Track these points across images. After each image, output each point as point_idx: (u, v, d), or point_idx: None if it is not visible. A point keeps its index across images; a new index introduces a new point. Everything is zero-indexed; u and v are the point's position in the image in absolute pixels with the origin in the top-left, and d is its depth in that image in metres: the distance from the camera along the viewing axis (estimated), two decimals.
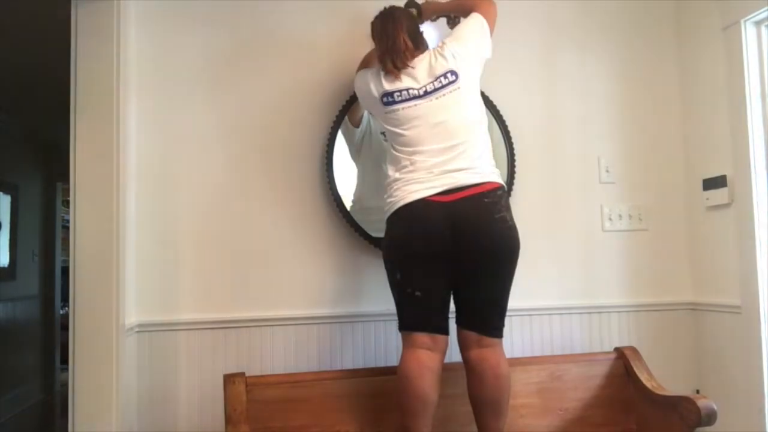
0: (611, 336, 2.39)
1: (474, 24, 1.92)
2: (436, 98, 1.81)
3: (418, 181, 1.75)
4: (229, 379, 1.87)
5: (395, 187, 1.79)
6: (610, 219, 2.44)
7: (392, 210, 1.79)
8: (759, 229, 2.19)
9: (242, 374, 1.90)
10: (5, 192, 4.63)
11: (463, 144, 1.78)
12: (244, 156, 2.16)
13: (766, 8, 2.15)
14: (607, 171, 2.45)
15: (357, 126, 2.23)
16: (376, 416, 1.97)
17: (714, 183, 2.36)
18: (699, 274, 2.47)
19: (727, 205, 2.32)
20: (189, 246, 2.10)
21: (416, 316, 1.78)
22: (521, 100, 2.38)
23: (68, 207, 1.94)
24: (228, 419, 1.79)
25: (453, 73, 1.82)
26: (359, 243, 2.20)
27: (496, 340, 1.79)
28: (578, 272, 2.40)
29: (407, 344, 1.78)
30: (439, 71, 1.82)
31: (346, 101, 2.20)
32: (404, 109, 1.82)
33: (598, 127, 2.47)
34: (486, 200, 1.75)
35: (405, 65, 1.83)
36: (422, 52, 1.89)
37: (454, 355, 2.23)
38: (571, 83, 2.45)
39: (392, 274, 1.81)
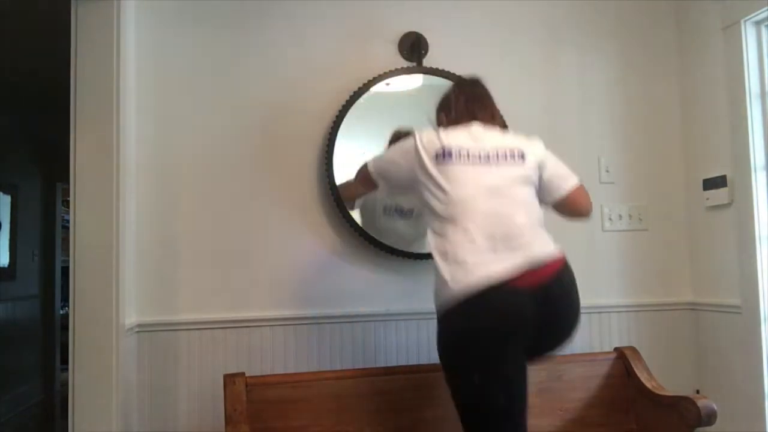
0: (611, 336, 2.39)
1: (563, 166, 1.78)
2: (497, 166, 1.62)
3: (480, 251, 1.49)
4: (229, 379, 1.87)
5: (456, 263, 1.49)
6: (610, 219, 2.44)
7: (460, 299, 1.46)
8: (759, 229, 2.19)
9: (242, 374, 1.90)
10: (5, 192, 4.63)
11: (524, 210, 1.60)
12: (244, 156, 2.16)
13: (766, 8, 2.15)
14: (607, 171, 2.45)
15: (352, 209, 2.15)
16: (376, 416, 1.97)
17: (714, 183, 2.36)
18: (699, 274, 2.47)
19: (727, 205, 2.32)
20: (189, 246, 2.10)
21: (497, 425, 1.52)
22: (521, 99, 2.38)
23: (68, 207, 1.93)
24: (228, 419, 1.79)
25: (521, 155, 1.66)
26: (360, 243, 2.20)
27: None
28: (578, 272, 2.35)
29: None
30: (508, 145, 1.66)
31: (347, 100, 2.19)
32: (460, 168, 1.59)
33: (598, 127, 2.47)
34: (567, 279, 1.60)
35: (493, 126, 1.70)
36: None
37: None
38: (571, 83, 2.45)
39: (467, 378, 1.49)
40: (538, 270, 1.50)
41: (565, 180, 1.74)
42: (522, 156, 1.66)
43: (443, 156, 1.60)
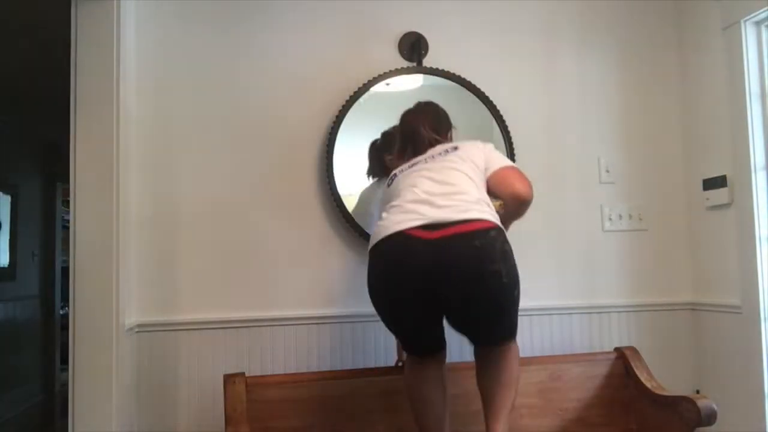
0: (611, 336, 2.39)
1: (502, 157, 1.84)
2: (434, 162, 1.77)
3: (403, 211, 1.63)
4: (229, 379, 1.87)
5: (381, 218, 1.70)
6: (610, 219, 2.44)
7: (372, 243, 1.68)
8: (759, 229, 2.19)
9: (242, 374, 1.91)
10: (5, 192, 4.63)
11: (459, 192, 1.65)
12: (244, 156, 2.16)
13: (766, 8, 2.15)
14: (607, 171, 2.45)
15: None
16: (376, 416, 1.97)
17: (714, 183, 2.36)
18: (699, 274, 2.47)
19: (727, 205, 2.32)
20: (189, 246, 2.10)
21: (409, 344, 1.79)
22: (521, 100, 2.38)
23: (68, 207, 1.93)
24: (228, 419, 1.79)
25: (455, 147, 1.79)
26: (359, 243, 2.20)
27: (506, 345, 1.73)
28: (578, 272, 2.40)
29: (408, 359, 1.81)
30: (443, 149, 1.80)
31: (346, 101, 2.20)
32: (401, 173, 1.80)
33: (598, 127, 2.47)
34: (477, 243, 1.55)
35: (425, 151, 1.81)
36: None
37: (454, 355, 2.23)
38: (571, 83, 2.45)
39: (378, 310, 1.73)
40: (442, 227, 1.56)
41: (496, 163, 1.77)
42: (455, 148, 1.78)
43: (390, 182, 1.82)
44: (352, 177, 2.21)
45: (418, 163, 1.79)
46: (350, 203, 2.18)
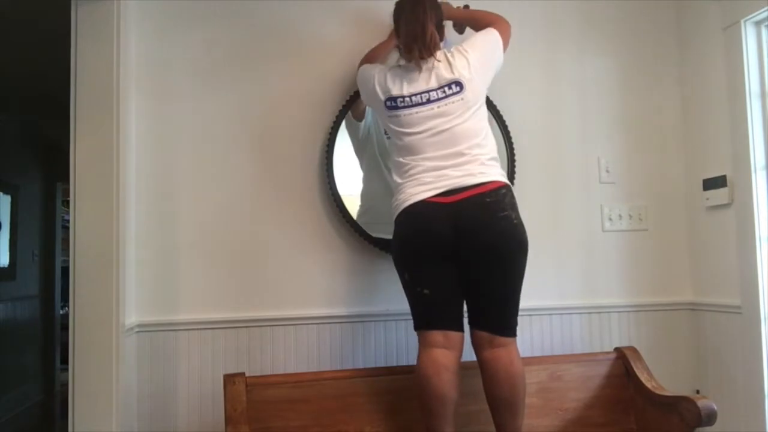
0: (611, 336, 2.39)
1: (490, 39, 1.94)
2: (438, 107, 1.82)
3: (421, 183, 1.79)
4: (229, 379, 1.87)
5: (399, 190, 1.84)
6: (610, 219, 2.44)
7: (396, 212, 1.83)
8: (759, 229, 2.19)
9: (242, 374, 1.90)
10: (5, 192, 4.63)
11: (467, 151, 1.80)
12: (244, 156, 2.16)
13: (766, 8, 2.15)
14: (607, 171, 2.45)
15: (360, 119, 2.23)
16: (376, 416, 1.97)
17: (714, 183, 2.36)
18: (699, 274, 2.47)
19: (727, 205, 2.32)
20: (189, 246, 2.10)
21: (428, 314, 1.80)
22: (521, 100, 2.38)
23: (68, 207, 1.93)
24: (228, 419, 1.79)
25: (458, 84, 1.83)
26: (359, 243, 2.20)
27: (508, 339, 1.80)
28: (578, 272, 2.40)
29: (422, 343, 1.79)
30: (445, 80, 1.83)
31: (347, 101, 2.20)
32: (406, 116, 1.84)
33: (598, 127, 2.47)
34: (488, 200, 1.76)
35: (431, 55, 1.84)
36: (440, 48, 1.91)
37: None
38: (571, 83, 2.45)
39: (401, 274, 1.84)
40: (458, 192, 1.76)
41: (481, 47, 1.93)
42: (459, 86, 1.84)
43: (392, 105, 1.87)
44: (352, 177, 2.21)
45: (418, 105, 1.83)
46: (350, 203, 2.18)
